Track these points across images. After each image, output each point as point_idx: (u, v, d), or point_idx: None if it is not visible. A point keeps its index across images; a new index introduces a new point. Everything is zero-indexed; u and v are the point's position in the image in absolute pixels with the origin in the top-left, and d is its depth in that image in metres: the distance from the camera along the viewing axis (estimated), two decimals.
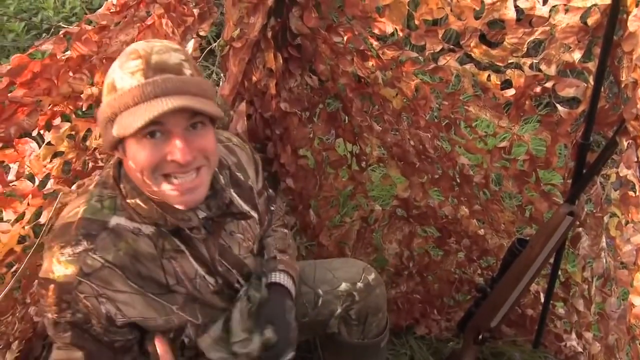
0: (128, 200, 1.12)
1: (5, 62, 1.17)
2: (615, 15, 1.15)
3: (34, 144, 1.35)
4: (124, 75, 1.00)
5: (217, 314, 1.27)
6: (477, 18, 1.33)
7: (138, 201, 1.12)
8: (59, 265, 1.06)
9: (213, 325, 1.26)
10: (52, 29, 3.13)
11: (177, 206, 1.09)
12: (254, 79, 1.64)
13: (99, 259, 1.08)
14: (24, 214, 1.38)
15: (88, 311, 1.08)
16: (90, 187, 1.18)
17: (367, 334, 1.52)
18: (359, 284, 1.46)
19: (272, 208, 1.51)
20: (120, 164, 1.16)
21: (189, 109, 1.00)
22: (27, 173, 1.36)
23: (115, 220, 1.11)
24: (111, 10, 1.31)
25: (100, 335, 1.11)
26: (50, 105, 1.29)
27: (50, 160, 1.42)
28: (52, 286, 1.07)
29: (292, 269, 1.42)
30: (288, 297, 1.36)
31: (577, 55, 1.26)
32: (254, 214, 1.35)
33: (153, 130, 1.00)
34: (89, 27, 1.27)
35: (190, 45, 1.52)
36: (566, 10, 1.24)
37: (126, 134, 0.99)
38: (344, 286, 1.45)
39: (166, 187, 1.05)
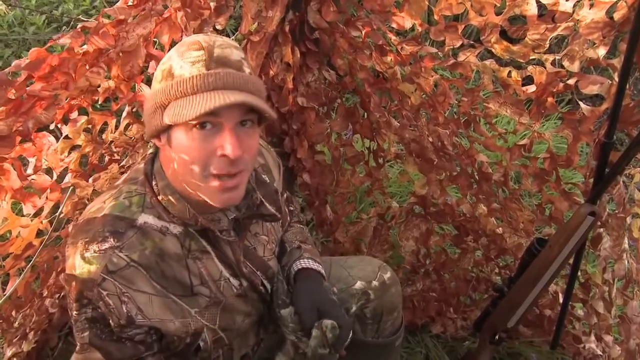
0: (160, 197, 1.11)
1: (26, 55, 1.17)
2: None
3: (51, 138, 1.36)
4: (183, 63, 0.99)
5: (236, 318, 1.26)
6: (498, 14, 1.31)
7: (171, 199, 1.10)
8: (83, 261, 1.05)
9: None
10: (72, 22, 3.16)
11: (214, 204, 1.07)
12: (271, 73, 1.63)
13: (125, 258, 1.06)
14: (42, 208, 1.39)
15: (109, 310, 1.07)
16: (119, 182, 1.17)
17: (382, 333, 1.51)
18: (374, 283, 1.44)
19: (291, 208, 1.51)
20: (153, 160, 1.15)
21: (248, 106, 0.99)
22: (45, 167, 1.37)
23: (143, 219, 1.10)
24: (128, 4, 1.31)
25: (119, 333, 1.10)
26: (67, 98, 1.29)
27: (68, 154, 1.43)
28: (74, 282, 1.06)
29: (317, 256, 1.41)
30: (323, 279, 1.35)
31: (601, 52, 1.23)
32: (278, 216, 1.34)
33: (205, 121, 0.99)
34: (106, 21, 1.28)
35: None
36: (591, 5, 1.20)
37: (180, 122, 0.98)
38: (359, 284, 1.44)
39: (211, 185, 1.04)
